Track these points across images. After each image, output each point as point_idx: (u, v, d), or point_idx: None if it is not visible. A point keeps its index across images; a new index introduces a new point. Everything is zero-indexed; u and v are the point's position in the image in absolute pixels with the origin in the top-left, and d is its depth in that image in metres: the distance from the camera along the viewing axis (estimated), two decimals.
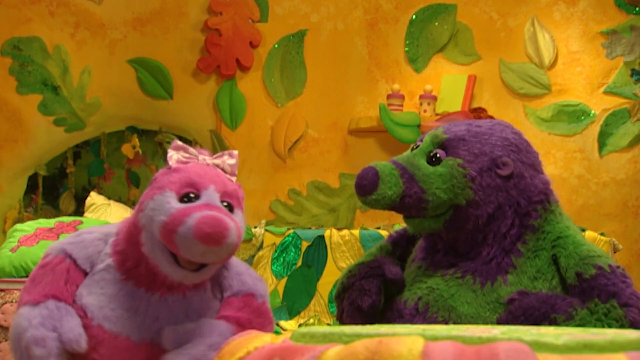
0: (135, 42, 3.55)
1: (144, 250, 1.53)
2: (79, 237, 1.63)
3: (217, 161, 1.59)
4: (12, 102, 3.45)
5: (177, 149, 1.58)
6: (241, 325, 1.56)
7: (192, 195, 1.49)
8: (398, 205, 1.60)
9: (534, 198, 1.65)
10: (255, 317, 1.61)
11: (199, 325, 1.54)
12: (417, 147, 1.69)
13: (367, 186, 1.58)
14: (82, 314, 1.56)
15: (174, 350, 1.50)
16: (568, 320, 1.47)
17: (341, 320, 1.73)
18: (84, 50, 3.51)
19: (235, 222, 1.46)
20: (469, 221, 1.61)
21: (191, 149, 1.59)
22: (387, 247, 1.85)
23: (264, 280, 1.72)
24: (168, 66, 3.57)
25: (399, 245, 1.85)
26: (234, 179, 1.59)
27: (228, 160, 1.60)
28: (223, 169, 1.59)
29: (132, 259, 1.57)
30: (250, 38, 3.58)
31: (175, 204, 1.47)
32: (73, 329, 1.51)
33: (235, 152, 1.62)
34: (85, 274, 1.61)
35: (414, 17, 3.62)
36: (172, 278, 1.53)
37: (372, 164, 1.62)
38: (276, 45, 3.62)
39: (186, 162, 1.57)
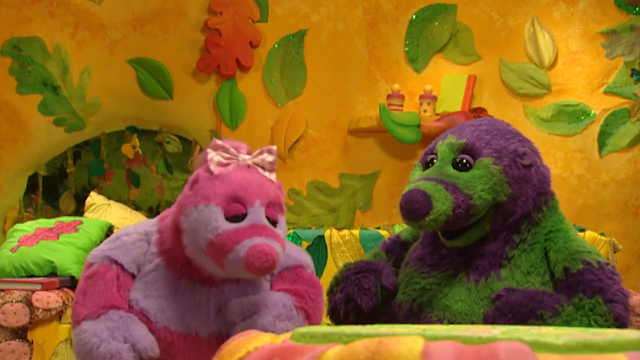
0: (135, 42, 3.55)
1: (187, 253, 1.53)
2: (119, 241, 1.62)
3: (257, 160, 1.56)
4: (12, 102, 3.45)
5: (216, 148, 1.54)
6: (299, 296, 1.60)
7: (239, 215, 1.48)
8: (450, 219, 1.55)
9: (546, 187, 1.68)
10: (310, 288, 1.64)
11: (262, 297, 1.56)
12: (431, 161, 1.66)
13: (421, 209, 1.52)
14: (145, 318, 1.56)
15: (241, 321, 1.51)
16: (554, 316, 1.48)
17: (332, 315, 1.72)
18: (84, 50, 3.51)
19: (281, 242, 1.47)
20: (510, 215, 1.62)
21: (231, 149, 1.55)
22: (382, 255, 1.85)
23: (305, 250, 1.76)
24: (168, 66, 3.57)
25: (393, 252, 1.85)
26: (273, 176, 1.57)
27: (267, 157, 1.57)
28: (263, 167, 1.56)
29: (182, 257, 1.57)
30: (250, 38, 3.58)
31: (222, 223, 1.45)
32: (144, 336, 1.51)
33: (274, 147, 1.59)
34: (133, 276, 1.60)
35: (414, 17, 3.62)
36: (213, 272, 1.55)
37: (411, 186, 1.56)
38: (276, 45, 3.62)
39: (226, 164, 1.53)
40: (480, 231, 1.62)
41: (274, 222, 1.51)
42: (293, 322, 1.56)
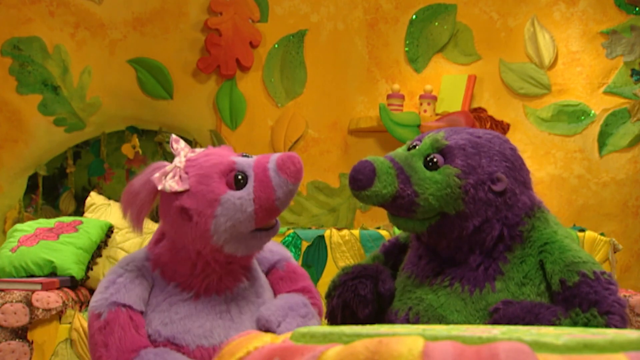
0: (135, 42, 3.55)
1: (214, 242, 1.54)
2: (116, 285, 1.60)
3: (192, 154, 1.62)
4: (12, 102, 3.45)
5: (161, 174, 1.58)
6: (307, 292, 1.71)
7: (237, 175, 1.56)
8: (389, 204, 1.60)
9: (520, 212, 1.64)
10: (307, 280, 1.76)
11: (285, 300, 1.63)
12: (413, 146, 1.67)
13: (362, 181, 1.57)
14: (174, 346, 1.56)
15: (277, 328, 1.55)
16: None
17: (330, 319, 1.72)
18: (84, 50, 3.51)
19: None
20: (453, 230, 1.60)
21: (167, 166, 1.59)
22: (380, 257, 1.85)
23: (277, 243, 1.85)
24: (168, 66, 3.57)
25: (392, 254, 1.84)
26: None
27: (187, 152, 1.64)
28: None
29: (184, 274, 1.60)
30: (250, 38, 3.58)
31: (238, 190, 1.54)
32: None
33: (173, 136, 1.66)
34: (142, 313, 1.59)
35: (414, 17, 3.62)
36: (242, 253, 1.58)
37: (369, 157, 1.60)
38: (276, 45, 3.62)
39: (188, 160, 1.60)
40: (418, 227, 1.62)
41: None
42: (316, 318, 1.66)
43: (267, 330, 1.55)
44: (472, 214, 1.58)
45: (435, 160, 1.60)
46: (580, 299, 1.51)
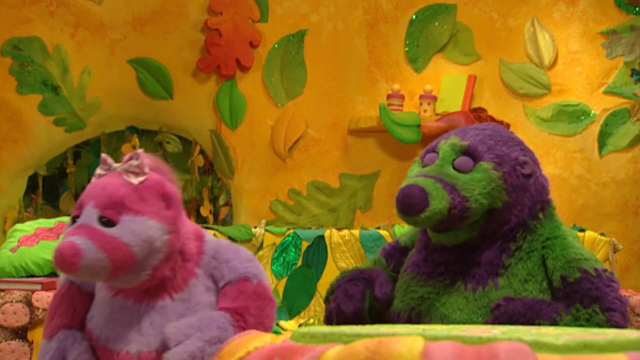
0: (135, 42, 3.55)
1: None
2: None
3: (126, 166, 1.58)
4: (12, 102, 3.45)
5: (101, 162, 1.61)
6: (239, 314, 1.58)
7: (75, 217, 1.53)
8: (445, 219, 1.54)
9: (544, 197, 1.66)
10: (253, 302, 1.61)
11: (199, 319, 1.55)
12: (429, 159, 1.65)
13: (417, 205, 1.50)
14: (90, 336, 1.61)
15: (174, 347, 1.50)
16: (552, 325, 1.48)
17: (327, 323, 1.72)
18: (84, 50, 3.51)
19: (97, 239, 1.46)
20: (503, 224, 1.61)
21: (108, 160, 1.60)
22: (381, 261, 1.84)
23: (255, 258, 1.70)
24: (168, 66, 3.56)
25: (393, 257, 1.84)
26: (140, 178, 1.56)
27: (133, 162, 1.58)
28: (132, 172, 1.57)
29: None
30: (250, 38, 3.58)
31: (68, 228, 1.54)
32: (80, 354, 1.57)
33: (140, 150, 1.61)
34: (92, 295, 1.66)
35: (414, 17, 3.62)
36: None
37: (409, 181, 1.55)
38: (276, 45, 3.62)
39: (102, 175, 1.59)
40: (469, 233, 1.61)
41: (109, 222, 1.50)
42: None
43: (165, 348, 1.53)
44: (514, 202, 1.60)
45: (464, 162, 1.59)
46: (581, 295, 1.52)
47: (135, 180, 1.56)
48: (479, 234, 1.61)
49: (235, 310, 1.58)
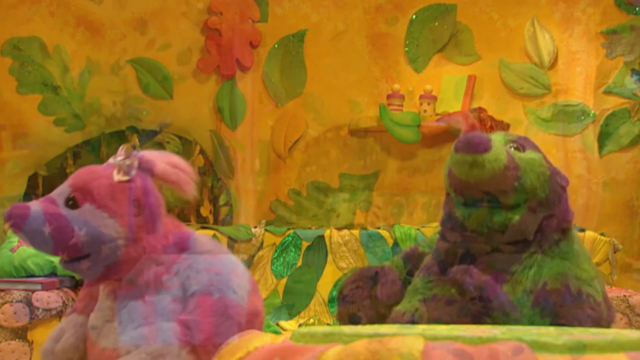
0: (135, 42, 3.55)
1: None
2: None
3: (118, 161, 1.66)
4: (12, 102, 3.45)
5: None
6: (188, 328, 1.54)
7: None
8: (498, 176, 1.49)
9: (568, 217, 1.63)
10: (206, 317, 1.55)
11: (150, 330, 1.54)
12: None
13: (480, 145, 1.46)
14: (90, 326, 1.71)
15: (123, 356, 1.52)
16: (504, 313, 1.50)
17: (339, 322, 1.73)
18: (84, 50, 3.51)
19: (44, 208, 1.57)
20: (534, 223, 1.57)
21: (120, 152, 1.68)
22: (398, 262, 1.85)
23: (231, 270, 1.64)
24: (168, 66, 3.56)
25: (410, 261, 1.84)
26: (123, 177, 1.61)
27: (118, 157, 1.67)
28: (121, 169, 1.64)
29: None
30: (250, 38, 3.58)
31: None
32: (68, 338, 1.69)
33: (124, 147, 1.69)
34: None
35: (414, 17, 3.62)
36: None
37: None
38: (276, 45, 3.62)
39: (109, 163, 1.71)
40: (512, 216, 1.54)
41: (74, 204, 1.59)
42: (170, 358, 1.52)
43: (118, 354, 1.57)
44: (549, 203, 1.57)
45: (517, 146, 1.58)
46: (545, 302, 1.51)
47: (117, 178, 1.60)
48: (519, 222, 1.55)
49: (185, 323, 1.55)
